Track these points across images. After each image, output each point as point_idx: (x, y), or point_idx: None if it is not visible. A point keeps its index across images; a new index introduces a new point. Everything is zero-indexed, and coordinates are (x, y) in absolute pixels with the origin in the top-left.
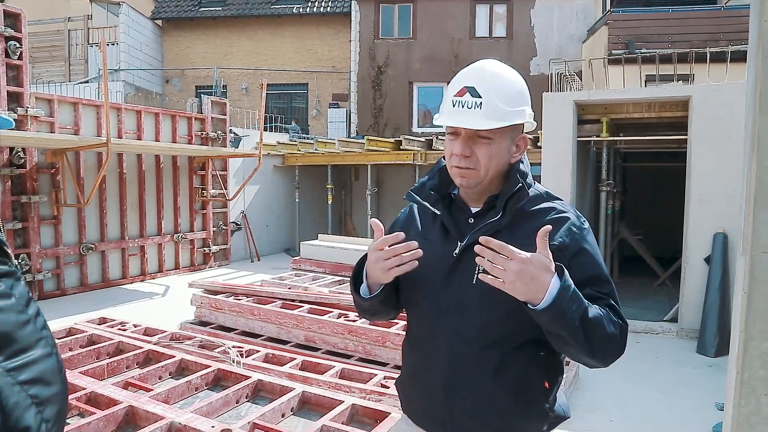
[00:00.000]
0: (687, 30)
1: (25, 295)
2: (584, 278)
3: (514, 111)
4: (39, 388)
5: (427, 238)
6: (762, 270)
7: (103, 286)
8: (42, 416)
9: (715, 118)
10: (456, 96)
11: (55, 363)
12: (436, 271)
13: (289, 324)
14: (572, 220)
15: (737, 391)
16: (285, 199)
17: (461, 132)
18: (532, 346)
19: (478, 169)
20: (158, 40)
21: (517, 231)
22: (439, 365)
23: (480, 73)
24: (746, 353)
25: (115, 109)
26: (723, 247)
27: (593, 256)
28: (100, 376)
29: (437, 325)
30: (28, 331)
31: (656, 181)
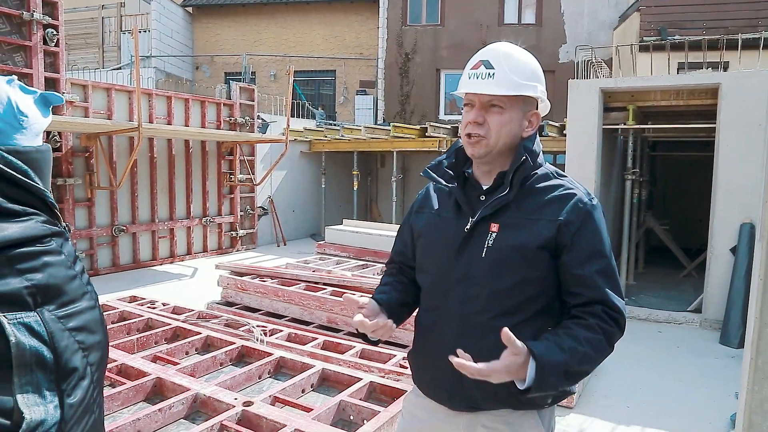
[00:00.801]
0: (723, 15)
1: (72, 253)
2: (584, 255)
3: (525, 84)
4: (85, 335)
5: (441, 215)
6: None
7: (134, 267)
8: (87, 360)
9: (744, 107)
10: (472, 69)
11: (98, 315)
12: (448, 246)
13: (312, 305)
14: (579, 196)
15: (751, 377)
16: (311, 184)
17: (475, 102)
18: (540, 319)
19: (488, 137)
20: (189, 27)
21: (524, 206)
22: (448, 334)
23: (494, 50)
24: (761, 339)
25: (146, 95)
26: (749, 237)
27: (597, 231)
28: (130, 350)
29: (448, 295)
30: (76, 285)
31: (685, 171)
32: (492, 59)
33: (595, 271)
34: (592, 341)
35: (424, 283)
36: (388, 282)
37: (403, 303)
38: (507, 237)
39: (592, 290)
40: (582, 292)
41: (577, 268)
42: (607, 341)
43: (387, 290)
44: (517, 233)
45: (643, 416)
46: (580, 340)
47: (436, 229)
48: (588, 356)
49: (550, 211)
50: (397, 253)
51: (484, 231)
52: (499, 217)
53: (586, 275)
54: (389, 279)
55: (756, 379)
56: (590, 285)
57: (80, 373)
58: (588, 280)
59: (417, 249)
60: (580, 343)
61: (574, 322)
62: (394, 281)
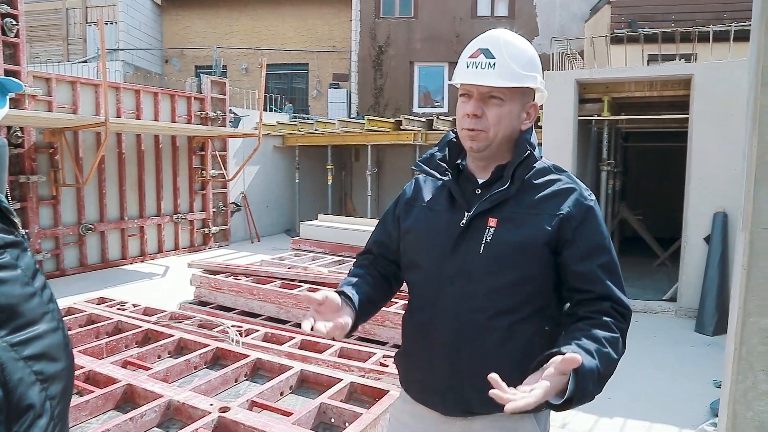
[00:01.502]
0: (691, 9)
1: (31, 267)
2: (586, 250)
3: (526, 75)
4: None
5: (433, 208)
6: (761, 246)
7: (103, 267)
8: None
9: (717, 97)
10: (470, 57)
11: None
12: (442, 240)
13: (289, 303)
14: (579, 191)
15: (735, 367)
16: (285, 179)
17: (473, 93)
18: (538, 319)
19: (487, 130)
20: (157, 19)
21: (524, 201)
22: (442, 333)
23: (494, 38)
24: (744, 329)
25: (114, 89)
26: (723, 226)
27: (598, 226)
28: (98, 355)
29: (442, 293)
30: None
31: (657, 162)
32: (492, 48)
33: (597, 265)
34: (611, 341)
35: (416, 279)
36: (358, 274)
37: (371, 299)
38: (506, 232)
39: (597, 286)
40: (587, 288)
41: (580, 264)
42: (622, 339)
43: (356, 283)
44: (517, 228)
45: (625, 407)
46: (601, 341)
47: (427, 223)
48: (611, 357)
49: (550, 206)
50: (377, 243)
51: (482, 226)
52: (497, 212)
53: (589, 270)
54: (359, 271)
55: (740, 369)
56: (594, 280)
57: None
58: (592, 276)
59: (405, 243)
60: (602, 344)
61: (588, 323)
62: (364, 274)
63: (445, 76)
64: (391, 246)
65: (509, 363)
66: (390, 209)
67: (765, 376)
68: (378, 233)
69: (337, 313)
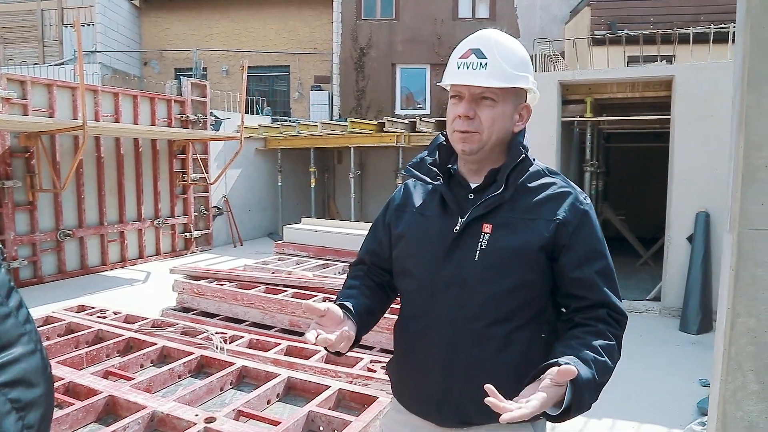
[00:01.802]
0: (669, 11)
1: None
2: (583, 255)
3: (518, 75)
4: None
5: (425, 214)
6: (749, 247)
7: (82, 273)
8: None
9: (698, 98)
10: (461, 58)
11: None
12: (435, 247)
13: (274, 309)
14: (574, 194)
15: (724, 367)
16: (267, 182)
17: (465, 95)
18: (534, 325)
19: (480, 132)
20: (136, 21)
21: (518, 206)
22: (437, 342)
23: (485, 38)
24: (733, 329)
25: (92, 91)
26: (705, 225)
27: (594, 231)
28: (78, 366)
29: (436, 301)
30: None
31: (638, 162)
32: (483, 47)
33: (594, 271)
34: (607, 350)
35: (409, 287)
36: (355, 285)
37: (370, 310)
38: (502, 238)
39: (594, 292)
40: (583, 295)
41: (577, 270)
42: (618, 346)
43: (354, 294)
44: (513, 234)
45: (614, 407)
46: (597, 349)
47: (420, 229)
48: (607, 366)
49: (546, 211)
50: (370, 252)
51: (476, 232)
52: (491, 217)
53: (586, 277)
54: (355, 282)
55: (729, 370)
56: (591, 287)
57: None
58: (589, 282)
59: (397, 250)
60: (599, 353)
61: (583, 331)
62: (360, 285)
63: (427, 77)
64: (382, 254)
65: (506, 372)
66: (380, 217)
67: (754, 375)
68: (369, 242)
69: (339, 325)
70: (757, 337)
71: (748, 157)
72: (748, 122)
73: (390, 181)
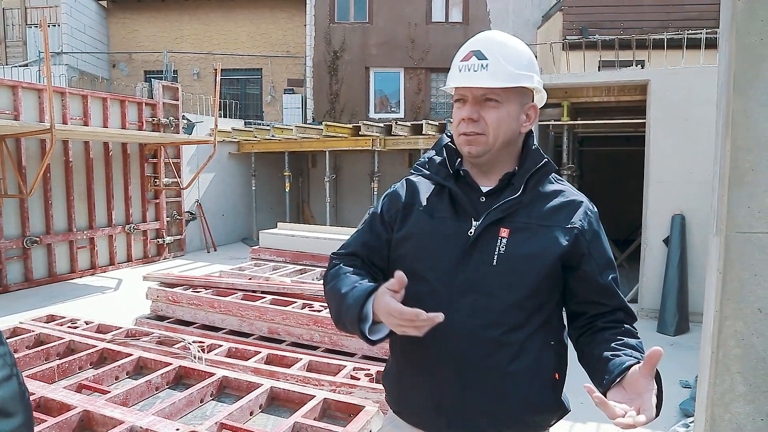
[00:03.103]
0: (638, 17)
1: None
2: (602, 263)
3: (521, 74)
4: None
5: (435, 215)
6: (736, 250)
7: (50, 281)
8: None
9: (673, 102)
10: (462, 61)
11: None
12: (449, 251)
13: (252, 316)
14: (585, 203)
15: (712, 370)
16: (241, 187)
17: (468, 97)
18: (544, 331)
19: (486, 134)
20: (103, 22)
21: (533, 211)
22: (452, 351)
23: (487, 39)
24: (721, 332)
25: (59, 94)
26: (681, 228)
27: (605, 240)
28: (50, 379)
29: (452, 307)
30: None
31: (611, 165)
32: (484, 49)
33: (611, 279)
34: (640, 346)
35: (419, 292)
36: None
37: None
38: (520, 244)
39: (614, 299)
40: (605, 301)
41: (599, 277)
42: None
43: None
44: (532, 240)
45: (597, 411)
46: (635, 347)
47: (430, 230)
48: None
49: (561, 218)
50: (366, 246)
51: (493, 236)
52: (508, 222)
53: (607, 284)
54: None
55: (717, 372)
56: (612, 294)
57: None
58: (610, 289)
59: (402, 251)
60: (638, 350)
61: (615, 333)
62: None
63: (401, 81)
64: (380, 251)
65: (519, 379)
66: (377, 211)
67: (742, 378)
68: (365, 235)
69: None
70: (744, 340)
71: (735, 161)
72: (734, 126)
73: (365, 185)
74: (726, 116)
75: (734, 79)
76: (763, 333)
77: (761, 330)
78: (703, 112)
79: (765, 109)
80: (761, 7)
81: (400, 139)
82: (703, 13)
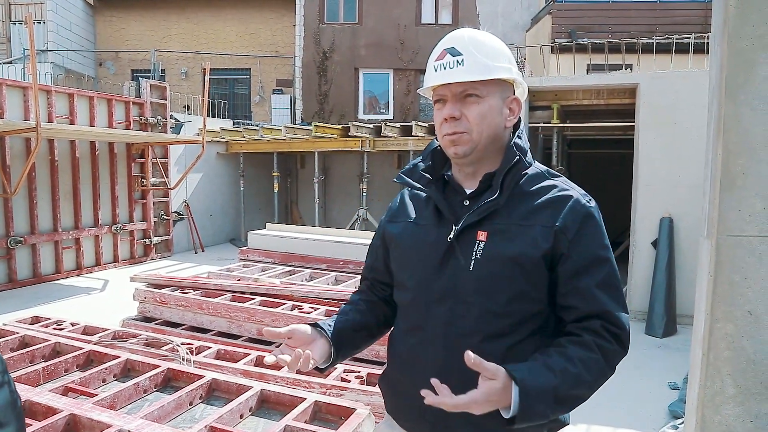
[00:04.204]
0: (626, 21)
1: None
2: (586, 261)
3: (498, 66)
4: None
5: (419, 223)
6: (727, 253)
7: (35, 282)
8: None
9: (661, 105)
10: (437, 60)
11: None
12: (429, 257)
13: (241, 317)
14: (576, 197)
15: (703, 372)
16: (229, 187)
17: (447, 96)
18: (537, 340)
19: (469, 132)
20: (90, 20)
21: (515, 211)
22: (431, 359)
23: (458, 36)
24: (712, 335)
25: (45, 92)
26: (669, 231)
27: (596, 236)
28: (35, 382)
29: (430, 314)
30: None
31: (598, 168)
32: (457, 45)
33: (593, 281)
34: (586, 361)
35: (403, 300)
36: (354, 301)
37: (362, 326)
38: (498, 247)
39: (591, 303)
40: (579, 306)
41: (574, 279)
42: (606, 361)
43: (345, 311)
44: (510, 242)
45: (587, 412)
46: (573, 359)
47: (413, 238)
48: (581, 379)
49: (544, 217)
50: (369, 269)
51: (470, 240)
52: (486, 225)
53: (583, 287)
54: (356, 298)
55: (708, 375)
56: (588, 297)
57: None
58: (586, 292)
59: (393, 262)
60: (572, 363)
61: (567, 340)
62: (359, 300)
63: (390, 82)
64: (381, 269)
65: None
66: (377, 230)
67: (732, 380)
68: (369, 257)
69: (308, 345)
70: (735, 342)
71: (726, 165)
72: (726, 130)
73: (354, 186)
74: (717, 120)
75: (726, 84)
76: (753, 335)
77: (751, 332)
78: (691, 115)
79: (756, 114)
80: (753, 11)
81: (390, 140)
82: (689, 18)
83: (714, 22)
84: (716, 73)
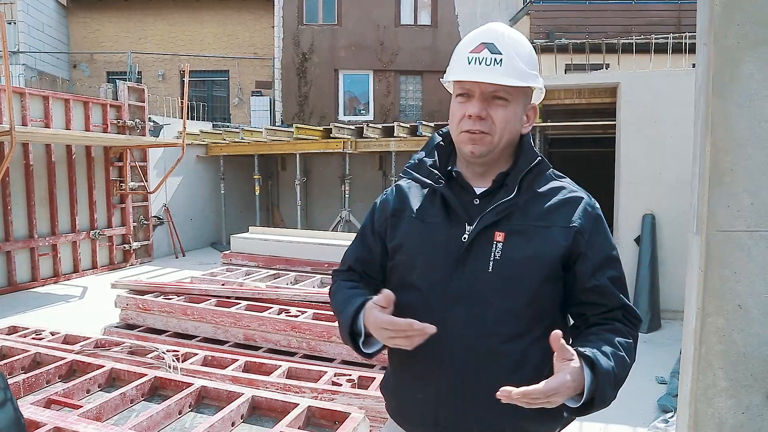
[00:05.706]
0: (603, 22)
1: None
2: (601, 260)
3: (531, 73)
4: None
5: (426, 220)
6: (717, 248)
7: (10, 291)
8: None
9: (642, 104)
10: (472, 52)
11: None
12: (443, 257)
13: (227, 323)
14: (585, 199)
15: (695, 366)
16: (209, 190)
17: (475, 93)
18: (544, 342)
19: (492, 134)
20: (63, 21)
21: (530, 212)
22: (449, 363)
23: (496, 32)
24: (703, 329)
25: (18, 94)
26: (651, 227)
27: (607, 236)
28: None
29: (446, 317)
30: None
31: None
32: (498, 43)
33: (609, 278)
34: (625, 346)
35: (413, 301)
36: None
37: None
38: (517, 247)
39: (611, 299)
40: (600, 302)
41: (593, 278)
42: (634, 346)
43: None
44: (529, 243)
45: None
46: (616, 344)
47: (422, 237)
48: (626, 362)
49: (559, 217)
50: (360, 261)
51: (488, 241)
52: (503, 225)
53: (602, 284)
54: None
55: (700, 368)
56: (608, 294)
57: None
58: (605, 289)
59: (395, 261)
60: (617, 347)
61: (601, 328)
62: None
63: (370, 83)
64: (374, 264)
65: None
66: (367, 222)
67: (723, 373)
68: (357, 249)
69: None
70: (726, 336)
71: (714, 162)
72: (713, 127)
73: (336, 188)
74: (705, 118)
75: (712, 82)
76: (744, 329)
77: (741, 326)
78: (671, 114)
79: (743, 111)
80: (737, 11)
81: (372, 141)
82: (663, 19)
83: (699, 21)
84: (703, 72)
